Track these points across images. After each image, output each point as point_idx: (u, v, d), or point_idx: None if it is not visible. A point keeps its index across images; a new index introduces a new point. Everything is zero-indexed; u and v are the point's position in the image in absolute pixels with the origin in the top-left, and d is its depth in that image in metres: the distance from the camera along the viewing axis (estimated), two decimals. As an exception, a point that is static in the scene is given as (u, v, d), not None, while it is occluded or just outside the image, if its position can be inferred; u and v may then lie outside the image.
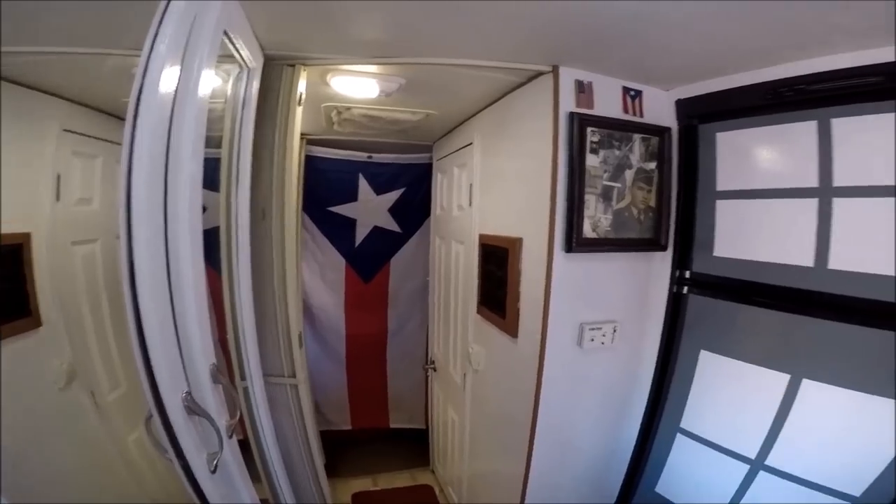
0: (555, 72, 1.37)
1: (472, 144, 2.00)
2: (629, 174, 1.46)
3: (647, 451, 1.64)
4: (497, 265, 1.73)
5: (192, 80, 0.80)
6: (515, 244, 1.60)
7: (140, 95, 0.69)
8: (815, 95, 1.10)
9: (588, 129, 1.38)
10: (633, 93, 1.46)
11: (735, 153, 1.35)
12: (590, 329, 1.51)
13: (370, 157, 2.84)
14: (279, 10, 1.08)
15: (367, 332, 3.18)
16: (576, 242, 1.40)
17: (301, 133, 1.98)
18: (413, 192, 2.96)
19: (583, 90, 1.39)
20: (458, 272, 2.25)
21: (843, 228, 1.11)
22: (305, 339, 2.93)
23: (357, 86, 1.63)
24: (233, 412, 1.02)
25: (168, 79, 0.73)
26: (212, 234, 1.30)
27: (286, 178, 1.49)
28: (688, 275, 1.52)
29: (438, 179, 2.65)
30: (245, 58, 1.16)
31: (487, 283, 1.86)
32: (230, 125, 1.27)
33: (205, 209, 0.95)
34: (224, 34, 0.93)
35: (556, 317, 1.45)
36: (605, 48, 1.22)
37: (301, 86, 1.45)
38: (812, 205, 1.15)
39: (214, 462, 0.86)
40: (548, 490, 1.64)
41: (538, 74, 1.44)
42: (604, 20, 1.05)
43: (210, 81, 0.87)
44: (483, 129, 1.94)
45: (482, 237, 1.89)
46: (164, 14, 0.70)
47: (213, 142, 1.22)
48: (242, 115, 1.24)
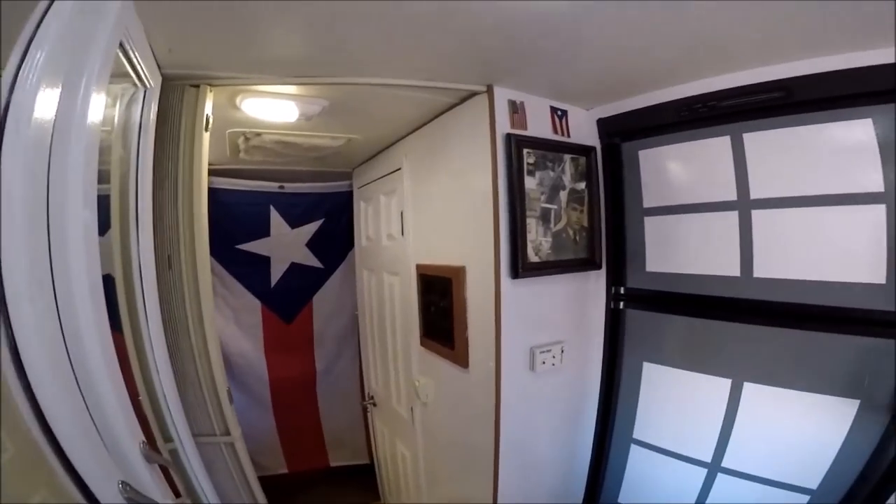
0: (489, 92, 1.35)
1: (401, 169, 1.92)
2: (563, 195, 1.49)
3: (604, 464, 1.66)
4: (440, 295, 1.66)
5: (80, 104, 0.62)
6: (459, 273, 1.54)
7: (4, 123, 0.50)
8: (727, 111, 1.19)
9: (524, 151, 1.38)
10: (560, 112, 1.49)
11: (658, 170, 1.43)
12: (540, 352, 1.49)
13: (282, 188, 2.63)
14: (180, 20, 0.93)
15: (293, 375, 2.91)
16: (521, 268, 1.38)
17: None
18: (333, 224, 2.78)
19: (516, 110, 1.39)
20: (395, 305, 2.13)
21: (764, 238, 1.19)
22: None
23: (273, 109, 1.49)
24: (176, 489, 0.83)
25: (46, 101, 0.55)
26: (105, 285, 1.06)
27: (195, 217, 1.28)
28: (622, 291, 1.57)
29: (362, 208, 2.51)
30: (143, 75, 0.97)
31: (430, 314, 1.78)
32: (120, 155, 1.05)
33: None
34: (119, 46, 0.75)
35: (509, 343, 1.41)
36: (534, 64, 1.22)
37: (208, 108, 1.28)
38: (733, 217, 1.23)
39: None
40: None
41: (471, 95, 1.41)
42: (532, 29, 1.03)
43: (101, 105, 0.70)
44: (412, 153, 1.87)
45: (420, 267, 1.80)
46: (45, 14, 0.52)
47: (100, 177, 1.01)
48: (140, 144, 1.04)
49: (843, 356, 1.11)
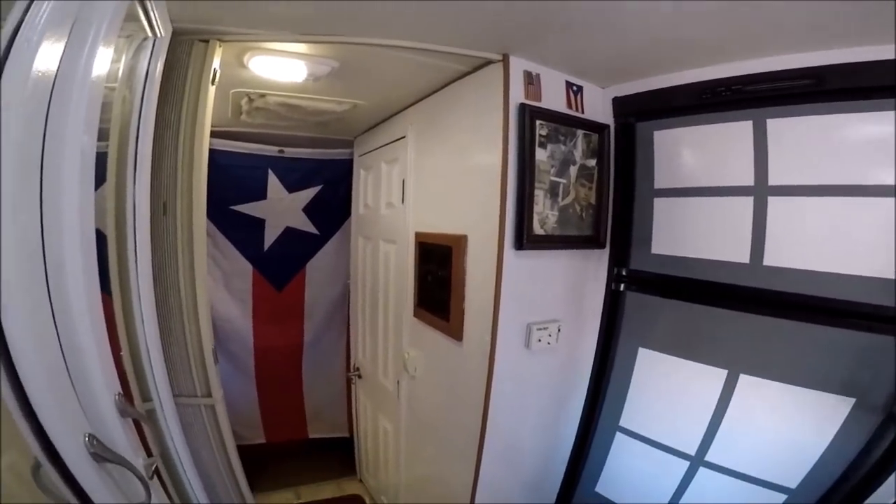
0: (505, 61, 1.30)
1: (405, 137, 1.87)
2: (573, 170, 1.45)
3: (587, 451, 1.64)
4: (439, 264, 1.63)
5: (86, 54, 0.60)
6: (460, 242, 1.51)
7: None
8: (751, 96, 1.15)
9: (537, 122, 1.35)
10: (576, 88, 1.46)
11: (673, 151, 1.39)
12: (537, 329, 1.46)
13: (281, 152, 2.57)
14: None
15: (280, 345, 2.88)
16: (526, 239, 1.35)
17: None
18: (331, 191, 2.73)
19: (531, 82, 1.35)
20: (389, 274, 2.10)
21: (779, 226, 1.16)
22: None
23: (281, 68, 1.44)
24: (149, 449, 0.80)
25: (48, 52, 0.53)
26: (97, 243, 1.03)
27: (195, 166, 1.24)
28: (625, 272, 1.54)
29: (361, 176, 2.46)
30: (155, 23, 0.93)
31: (426, 284, 1.75)
32: (121, 107, 1.01)
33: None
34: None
35: (506, 317, 1.38)
36: (555, 33, 1.17)
37: (216, 63, 1.24)
38: (748, 203, 1.20)
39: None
40: (494, 493, 1.57)
41: (486, 63, 1.36)
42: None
43: (109, 51, 0.66)
44: (418, 122, 1.82)
45: (419, 235, 1.77)
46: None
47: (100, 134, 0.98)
48: (144, 93, 1.00)
49: (846, 352, 1.08)
